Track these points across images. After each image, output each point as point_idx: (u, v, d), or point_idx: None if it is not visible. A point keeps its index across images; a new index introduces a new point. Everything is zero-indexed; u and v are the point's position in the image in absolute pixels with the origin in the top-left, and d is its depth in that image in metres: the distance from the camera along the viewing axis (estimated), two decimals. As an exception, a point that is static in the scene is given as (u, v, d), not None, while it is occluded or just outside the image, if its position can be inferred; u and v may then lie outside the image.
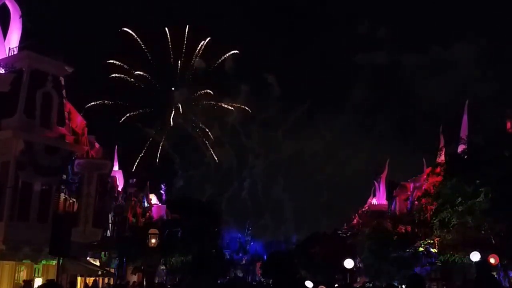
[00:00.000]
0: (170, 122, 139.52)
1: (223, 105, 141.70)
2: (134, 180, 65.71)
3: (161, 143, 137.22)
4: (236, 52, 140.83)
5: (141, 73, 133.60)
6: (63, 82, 42.93)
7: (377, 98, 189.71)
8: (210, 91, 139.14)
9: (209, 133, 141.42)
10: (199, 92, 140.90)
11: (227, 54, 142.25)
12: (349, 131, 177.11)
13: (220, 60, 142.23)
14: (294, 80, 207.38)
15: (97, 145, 54.26)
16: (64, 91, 43.01)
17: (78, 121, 48.96)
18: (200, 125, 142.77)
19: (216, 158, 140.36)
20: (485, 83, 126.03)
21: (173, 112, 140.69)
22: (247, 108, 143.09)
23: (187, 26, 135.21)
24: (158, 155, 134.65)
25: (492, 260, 31.56)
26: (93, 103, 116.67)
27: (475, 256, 33.79)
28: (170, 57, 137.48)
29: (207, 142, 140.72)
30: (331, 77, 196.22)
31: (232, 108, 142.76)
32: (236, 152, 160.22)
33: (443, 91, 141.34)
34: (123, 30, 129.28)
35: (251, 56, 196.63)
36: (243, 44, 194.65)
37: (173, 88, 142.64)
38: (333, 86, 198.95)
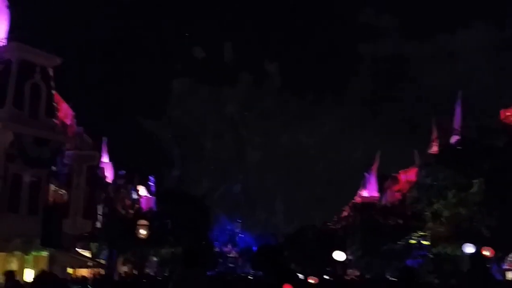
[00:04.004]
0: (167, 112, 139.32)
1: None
2: (124, 171, 65.67)
3: (155, 134, 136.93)
4: (235, 40, 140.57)
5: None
6: (51, 73, 42.87)
7: (379, 89, 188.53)
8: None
9: (207, 124, 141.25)
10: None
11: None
12: (349, 123, 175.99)
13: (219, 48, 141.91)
14: (295, 70, 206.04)
15: (86, 136, 54.20)
16: (53, 82, 42.94)
17: (67, 112, 48.90)
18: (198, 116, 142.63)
19: (213, 150, 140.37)
20: (489, 73, 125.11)
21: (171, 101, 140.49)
22: None
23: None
24: (153, 146, 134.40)
25: (486, 253, 31.73)
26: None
27: (468, 249, 33.95)
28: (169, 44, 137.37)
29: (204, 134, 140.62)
30: (332, 67, 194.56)
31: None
32: (233, 144, 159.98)
33: (446, 81, 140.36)
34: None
35: (251, 45, 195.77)
36: (243, 32, 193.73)
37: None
38: (334, 77, 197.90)
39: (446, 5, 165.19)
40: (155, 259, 60.35)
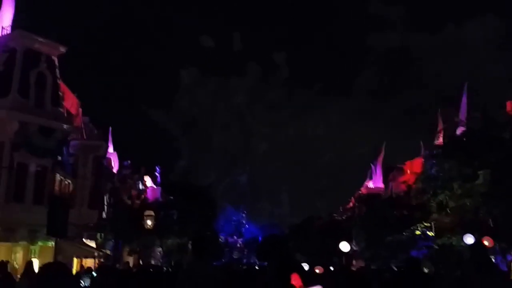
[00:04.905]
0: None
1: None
2: (129, 162, 65.68)
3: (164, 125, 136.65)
4: (244, 30, 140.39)
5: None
6: (56, 62, 42.88)
7: (387, 80, 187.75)
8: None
9: (215, 115, 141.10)
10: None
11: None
12: (356, 115, 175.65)
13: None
14: (303, 60, 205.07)
15: (92, 126, 54.22)
16: (58, 71, 42.95)
17: (73, 101, 48.90)
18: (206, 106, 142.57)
19: (220, 141, 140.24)
20: (496, 64, 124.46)
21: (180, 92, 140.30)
22: None
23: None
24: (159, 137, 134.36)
25: (486, 243, 31.67)
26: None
27: (468, 239, 33.90)
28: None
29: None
30: (340, 59, 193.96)
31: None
32: (241, 134, 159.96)
33: (453, 72, 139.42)
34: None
35: (260, 35, 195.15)
36: (252, 22, 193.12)
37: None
38: (341, 68, 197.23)
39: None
40: (160, 249, 60.40)
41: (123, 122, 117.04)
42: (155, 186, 71.89)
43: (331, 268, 27.81)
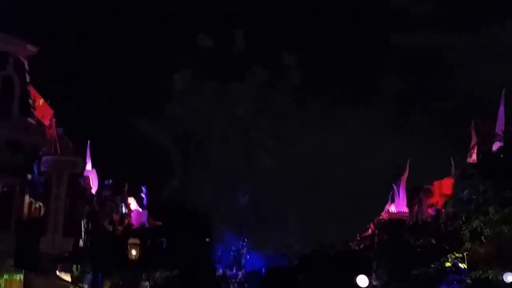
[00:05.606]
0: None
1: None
2: (110, 181, 65.64)
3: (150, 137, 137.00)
4: (247, 28, 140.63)
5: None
6: (26, 65, 42.93)
7: (412, 87, 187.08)
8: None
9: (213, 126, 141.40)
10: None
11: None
12: (376, 127, 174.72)
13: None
14: (315, 64, 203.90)
15: (67, 139, 54.29)
16: (27, 75, 43.01)
17: (45, 110, 48.97)
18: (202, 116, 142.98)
19: (219, 156, 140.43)
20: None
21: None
22: None
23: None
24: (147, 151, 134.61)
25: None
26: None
27: (509, 277, 33.82)
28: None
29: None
30: (359, 62, 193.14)
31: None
32: (242, 149, 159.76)
33: (488, 79, 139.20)
34: None
35: (266, 34, 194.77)
36: (256, 19, 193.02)
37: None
38: (360, 73, 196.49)
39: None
40: (147, 284, 60.45)
41: (104, 134, 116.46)
42: (140, 210, 71.95)
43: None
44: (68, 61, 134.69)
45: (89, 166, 58.54)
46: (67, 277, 48.19)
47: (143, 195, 76.97)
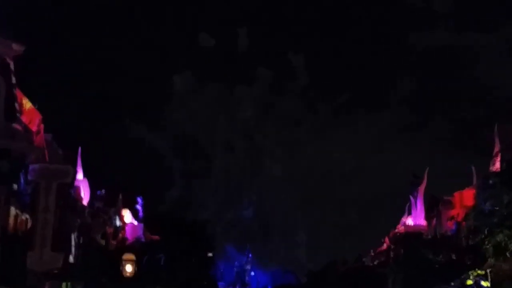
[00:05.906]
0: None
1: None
2: (103, 191, 65.61)
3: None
4: (252, 26, 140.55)
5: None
6: (12, 66, 42.95)
7: (431, 90, 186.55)
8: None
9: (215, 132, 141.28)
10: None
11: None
12: (392, 133, 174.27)
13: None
14: (326, 65, 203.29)
15: (56, 146, 54.33)
16: (13, 77, 43.03)
17: (32, 115, 49.03)
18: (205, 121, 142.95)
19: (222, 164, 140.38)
20: None
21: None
22: None
23: None
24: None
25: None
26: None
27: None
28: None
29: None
30: (373, 62, 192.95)
31: None
32: (247, 156, 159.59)
33: None
34: None
35: (272, 34, 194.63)
36: (262, 17, 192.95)
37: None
38: (374, 74, 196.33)
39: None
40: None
41: (97, 140, 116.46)
42: (136, 222, 71.96)
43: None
44: (59, 61, 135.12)
45: (80, 175, 58.58)
46: (56, 296, 48.27)
47: (138, 207, 76.99)
